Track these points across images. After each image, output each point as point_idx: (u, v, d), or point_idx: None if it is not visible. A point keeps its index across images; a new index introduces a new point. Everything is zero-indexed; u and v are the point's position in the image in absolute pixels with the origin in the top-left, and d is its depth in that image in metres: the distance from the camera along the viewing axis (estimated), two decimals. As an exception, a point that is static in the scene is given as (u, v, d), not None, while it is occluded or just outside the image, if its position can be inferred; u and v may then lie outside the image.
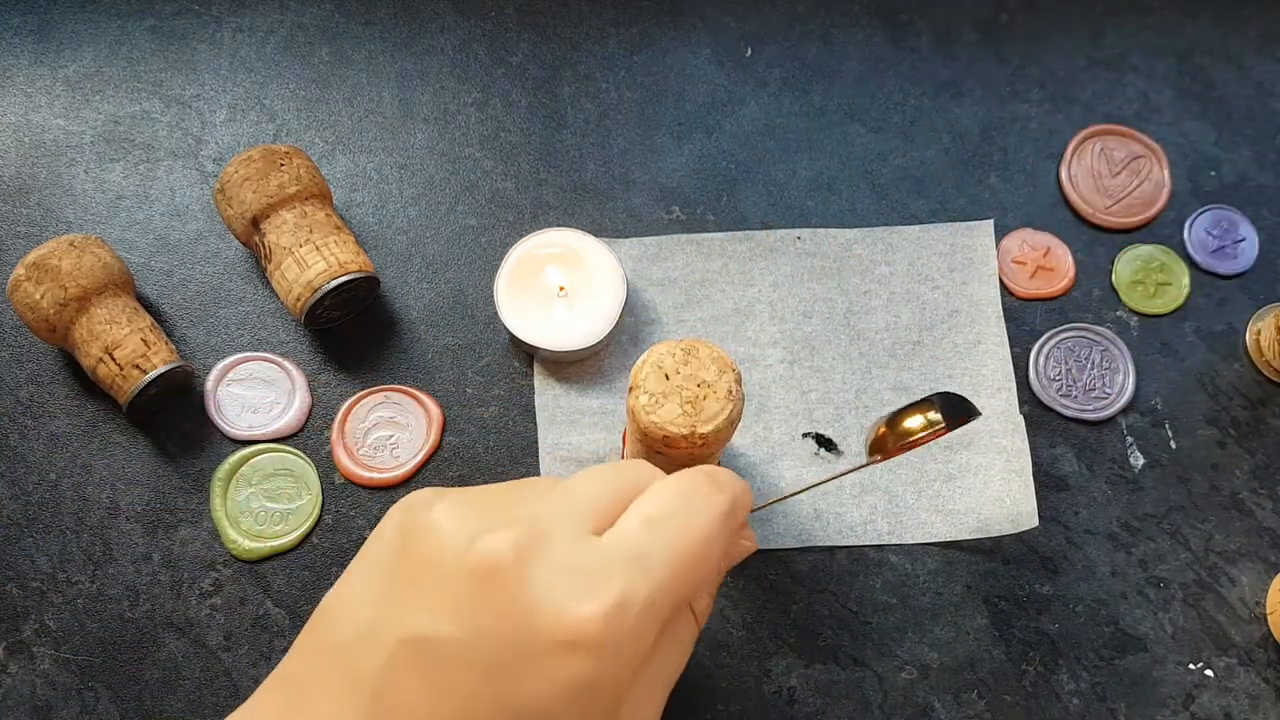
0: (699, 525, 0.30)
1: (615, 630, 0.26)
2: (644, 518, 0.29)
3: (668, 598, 0.28)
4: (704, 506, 0.30)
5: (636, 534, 0.29)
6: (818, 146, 0.51)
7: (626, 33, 0.53)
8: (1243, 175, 0.51)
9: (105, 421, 0.46)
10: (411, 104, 0.51)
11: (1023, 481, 0.45)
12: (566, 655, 0.26)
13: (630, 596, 0.27)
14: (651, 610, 0.27)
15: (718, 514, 0.30)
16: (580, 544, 0.28)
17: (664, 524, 0.29)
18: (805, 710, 0.43)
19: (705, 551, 0.29)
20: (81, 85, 0.51)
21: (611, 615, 0.26)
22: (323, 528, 0.45)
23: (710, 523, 0.30)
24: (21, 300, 0.43)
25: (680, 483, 0.31)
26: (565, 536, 0.28)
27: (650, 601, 0.27)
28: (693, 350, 0.35)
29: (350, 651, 0.28)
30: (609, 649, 0.26)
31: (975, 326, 0.48)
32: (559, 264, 0.47)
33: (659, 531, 0.29)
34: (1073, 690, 0.43)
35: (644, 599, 0.27)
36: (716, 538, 0.30)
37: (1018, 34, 0.53)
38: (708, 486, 0.31)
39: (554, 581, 0.27)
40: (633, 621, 0.27)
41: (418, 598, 0.27)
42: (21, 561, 0.44)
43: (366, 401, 0.46)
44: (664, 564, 0.28)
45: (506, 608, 0.27)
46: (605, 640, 0.26)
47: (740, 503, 0.32)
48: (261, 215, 0.44)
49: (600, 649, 0.26)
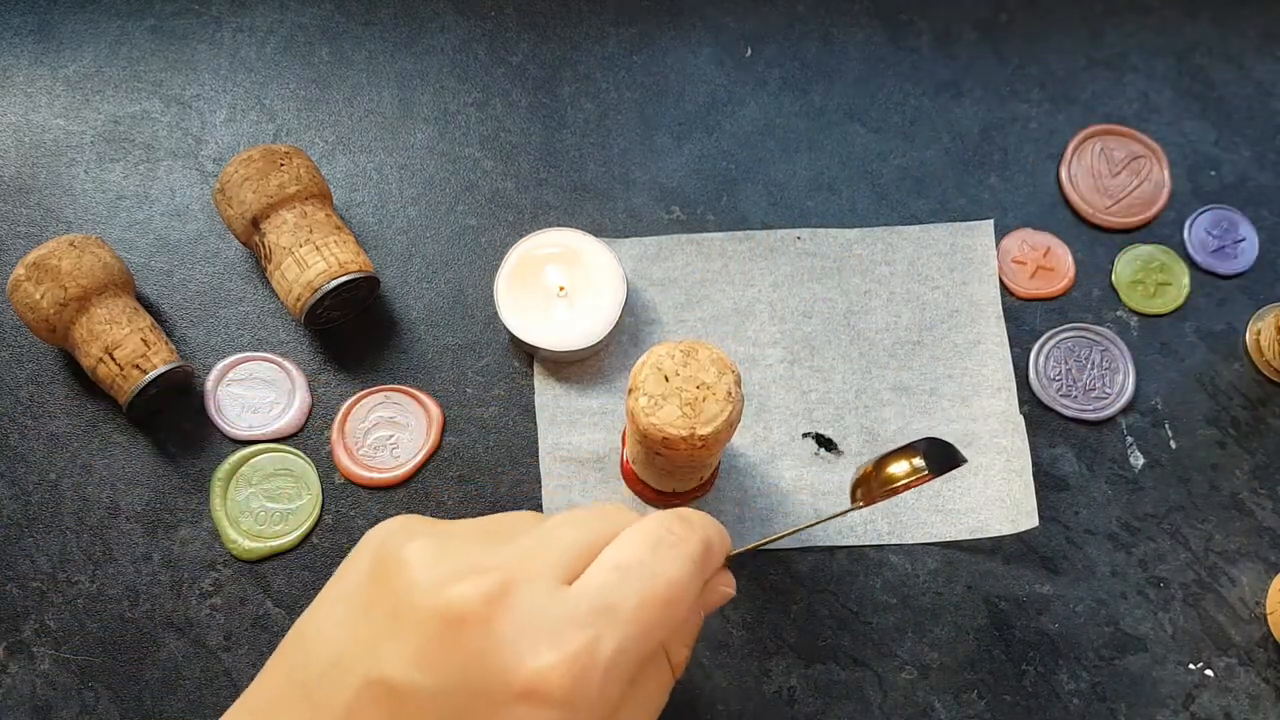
0: (669, 572, 0.29)
1: (579, 682, 0.26)
2: (613, 565, 0.29)
3: (636, 648, 0.28)
4: (675, 553, 0.30)
5: (605, 583, 0.28)
6: (818, 146, 0.51)
7: (626, 33, 0.53)
8: (1243, 175, 0.51)
9: (105, 421, 0.46)
10: (411, 104, 0.51)
11: (1023, 482, 0.45)
12: (529, 707, 0.26)
13: (597, 648, 0.27)
14: (619, 661, 0.27)
15: (689, 560, 0.30)
16: (549, 595, 0.27)
17: (633, 572, 0.29)
18: (805, 710, 0.43)
19: (676, 599, 0.29)
20: (81, 85, 0.51)
21: (575, 666, 0.26)
22: (323, 528, 0.45)
23: (680, 569, 0.29)
24: (21, 300, 0.43)
25: (651, 528, 0.30)
26: (534, 587, 0.28)
27: (618, 652, 0.27)
28: (692, 352, 0.35)
29: (317, 685, 0.28)
30: (573, 701, 0.26)
31: (975, 326, 0.48)
32: (559, 264, 0.47)
33: (628, 580, 0.28)
34: (1073, 690, 0.43)
35: (612, 650, 0.27)
36: (688, 584, 0.29)
37: (1018, 34, 0.53)
38: (680, 530, 0.30)
39: (520, 632, 0.27)
40: (600, 674, 0.26)
41: (386, 638, 0.27)
42: (21, 561, 0.44)
43: (366, 401, 0.46)
44: (632, 613, 0.28)
45: (471, 657, 0.26)
46: (568, 692, 0.26)
47: (714, 546, 0.32)
48: (261, 215, 0.44)
49: (563, 702, 0.26)
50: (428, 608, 0.27)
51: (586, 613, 0.27)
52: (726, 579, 0.34)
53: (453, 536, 0.29)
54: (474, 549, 0.29)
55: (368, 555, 0.30)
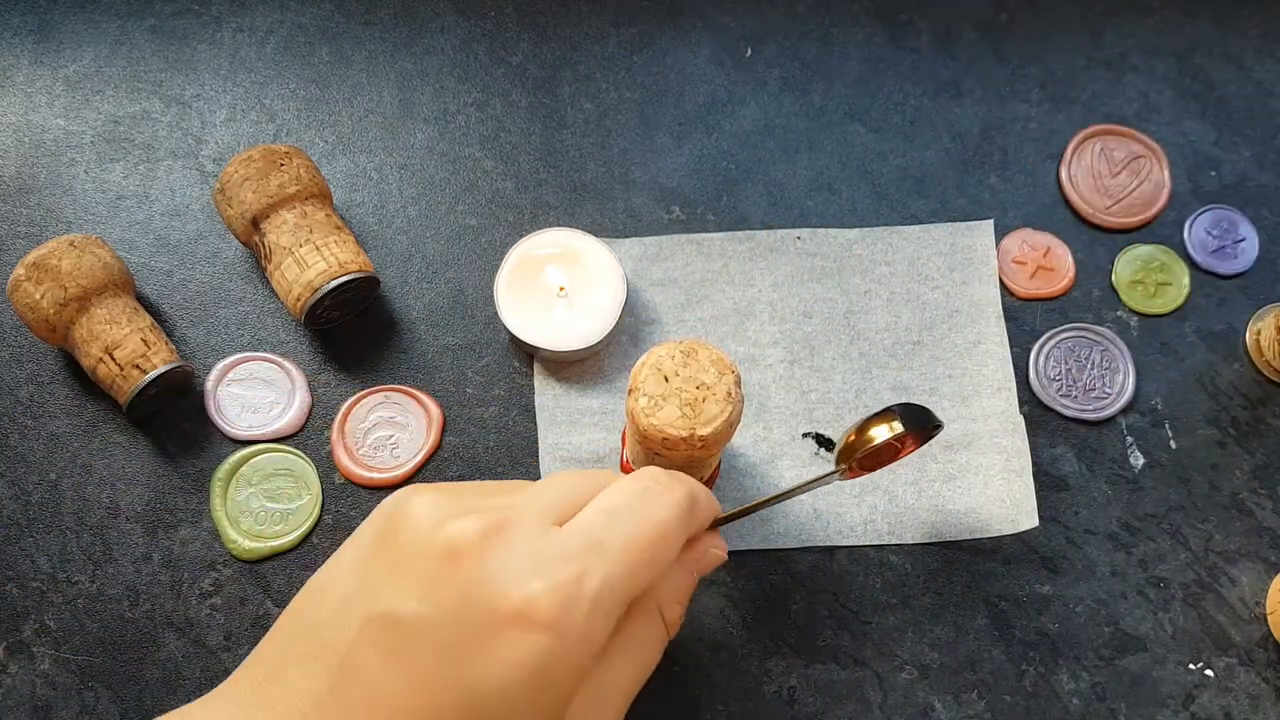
0: (655, 515, 0.31)
1: (566, 609, 0.27)
2: (602, 509, 0.30)
3: (622, 584, 0.29)
4: (660, 500, 0.31)
5: (593, 523, 0.30)
6: (818, 146, 0.51)
7: (626, 33, 0.53)
8: (1243, 175, 0.51)
9: (105, 421, 0.46)
10: (411, 104, 0.51)
11: (1023, 481, 0.45)
12: (519, 632, 0.27)
13: (584, 579, 0.28)
14: (605, 595, 0.28)
15: (674, 505, 0.31)
16: (541, 533, 0.29)
17: (620, 514, 0.30)
18: (805, 710, 0.43)
19: (661, 540, 0.30)
20: (81, 85, 0.51)
21: (562, 594, 0.27)
22: (323, 528, 0.45)
23: (666, 512, 0.31)
24: (21, 300, 0.43)
25: (636, 479, 0.32)
26: (527, 526, 0.29)
27: (605, 585, 0.28)
28: (692, 352, 0.35)
29: (323, 626, 0.29)
30: (560, 628, 0.27)
31: (975, 326, 0.48)
32: (559, 264, 0.47)
33: (615, 520, 0.30)
34: (1073, 690, 0.43)
35: (599, 582, 0.28)
36: (673, 528, 0.31)
37: (1018, 34, 0.53)
38: (664, 481, 0.32)
39: (511, 564, 0.28)
40: (586, 604, 0.28)
41: (389, 577, 0.29)
42: (21, 561, 0.44)
43: (366, 401, 0.46)
44: (619, 551, 0.29)
45: (466, 587, 0.28)
46: (555, 618, 0.27)
47: (700, 500, 0.33)
48: (261, 215, 0.44)
49: (551, 627, 0.27)
50: (427, 544, 0.28)
51: (575, 549, 0.29)
52: (717, 541, 0.35)
53: (458, 490, 0.31)
54: (474, 499, 0.30)
55: (377, 515, 0.31)
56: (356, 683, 0.28)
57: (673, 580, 0.33)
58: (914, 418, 0.37)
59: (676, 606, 0.33)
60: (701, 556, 0.35)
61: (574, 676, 0.28)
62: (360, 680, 0.28)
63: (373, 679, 0.28)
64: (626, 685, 0.31)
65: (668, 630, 0.33)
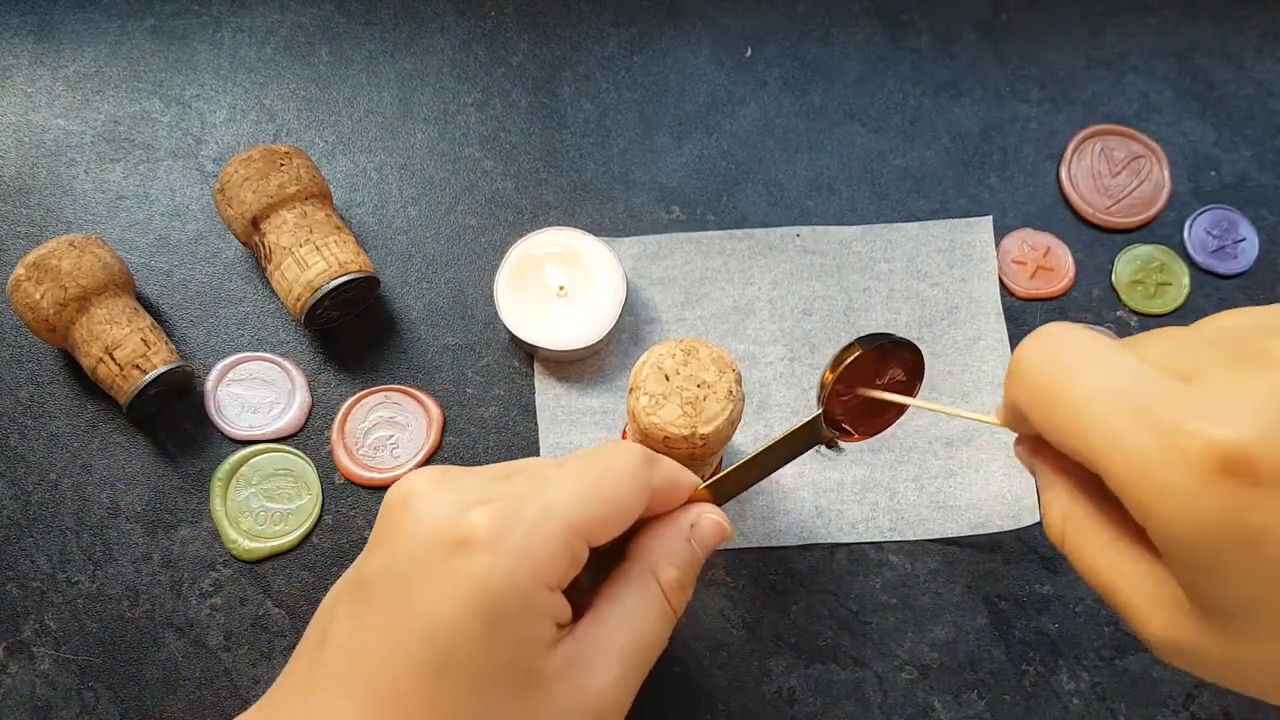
0: (604, 458, 0.31)
1: (504, 528, 0.28)
2: (551, 460, 0.32)
3: (567, 512, 0.29)
4: (612, 448, 0.31)
5: (539, 466, 0.31)
6: (818, 146, 0.51)
7: (626, 33, 0.53)
8: (1243, 175, 0.51)
9: (105, 421, 0.46)
10: (411, 104, 0.51)
11: (1024, 477, 0.45)
12: (459, 556, 0.27)
13: (523, 503, 0.28)
14: (545, 517, 0.28)
15: (627, 453, 0.31)
16: (490, 479, 0.30)
17: (569, 460, 0.31)
18: (805, 710, 0.43)
19: (613, 478, 0.30)
20: (81, 85, 0.51)
21: (499, 515, 0.28)
22: (323, 528, 0.45)
23: (617, 457, 0.31)
24: (21, 300, 0.43)
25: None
26: (479, 474, 0.30)
27: (544, 509, 0.28)
28: (693, 350, 0.35)
29: (320, 615, 0.30)
30: (496, 546, 0.27)
31: (975, 323, 0.48)
32: (559, 263, 0.47)
33: (563, 465, 0.30)
34: (1073, 690, 0.43)
35: (539, 508, 0.28)
36: (625, 468, 0.30)
37: (1018, 34, 0.53)
38: (620, 443, 0.32)
39: (456, 500, 0.29)
40: (525, 524, 0.28)
41: (371, 545, 0.30)
42: (21, 561, 0.44)
43: (366, 401, 0.46)
44: (562, 484, 0.29)
45: (413, 526, 0.29)
46: (492, 534, 0.27)
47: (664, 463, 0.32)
48: (261, 215, 0.44)
49: (489, 544, 0.27)
50: (390, 504, 0.30)
51: (519, 486, 0.29)
52: (710, 508, 0.34)
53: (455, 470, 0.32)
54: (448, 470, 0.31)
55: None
56: (334, 648, 0.28)
57: (666, 544, 0.32)
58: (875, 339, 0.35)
59: (671, 570, 0.32)
60: (695, 521, 0.33)
61: (522, 604, 0.27)
62: (337, 644, 0.28)
63: (346, 640, 0.28)
64: (619, 652, 0.30)
65: (669, 600, 0.32)
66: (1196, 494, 0.22)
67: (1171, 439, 0.22)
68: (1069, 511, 0.28)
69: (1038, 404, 0.26)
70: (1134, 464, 0.23)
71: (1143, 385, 0.24)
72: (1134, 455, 0.23)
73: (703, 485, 0.34)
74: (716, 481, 0.34)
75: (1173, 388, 0.23)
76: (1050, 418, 0.26)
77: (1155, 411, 0.23)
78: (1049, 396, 0.26)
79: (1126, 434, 0.23)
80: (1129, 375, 0.24)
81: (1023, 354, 0.27)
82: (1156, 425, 0.23)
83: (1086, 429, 0.24)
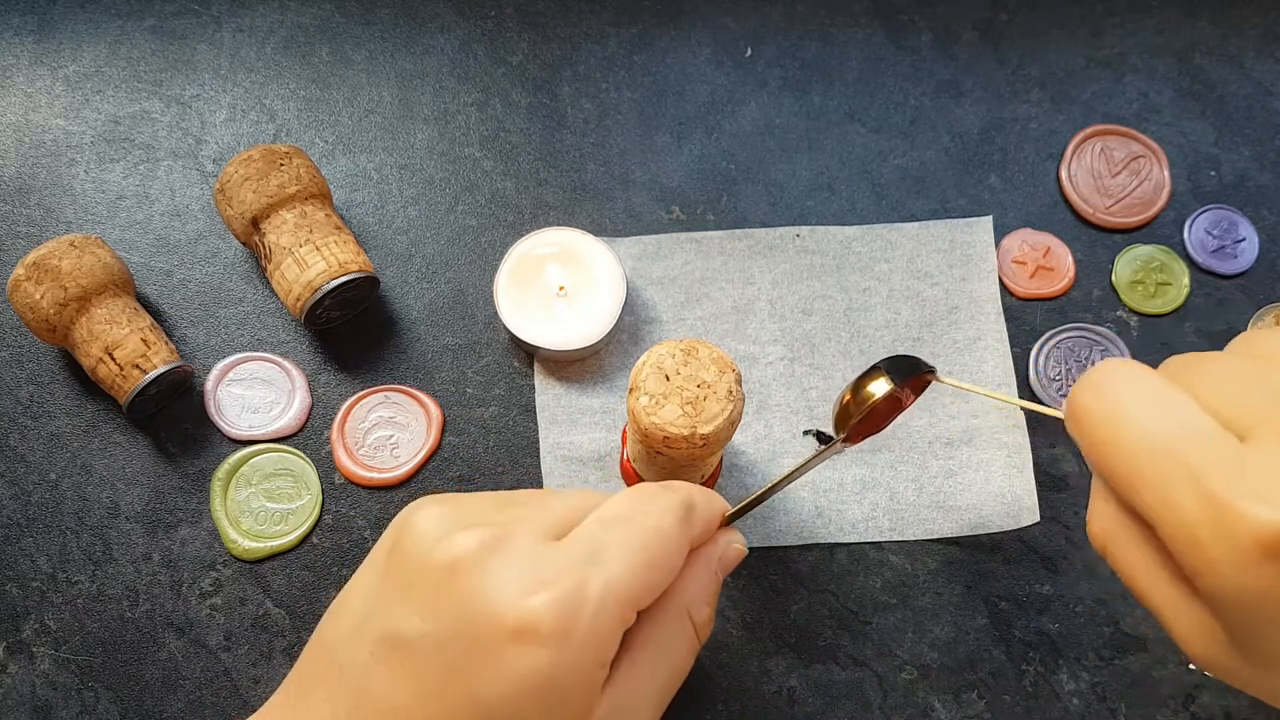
0: (652, 519, 0.30)
1: (569, 620, 0.27)
2: (598, 519, 0.30)
3: (624, 589, 0.29)
4: (656, 505, 0.31)
5: (590, 533, 0.30)
6: (818, 146, 0.51)
7: (626, 33, 0.53)
8: (1243, 175, 0.51)
9: (105, 421, 0.46)
10: (411, 104, 0.51)
11: (1024, 477, 0.45)
12: (521, 646, 0.27)
13: (584, 588, 0.28)
14: (606, 601, 0.28)
15: (670, 511, 0.31)
16: (539, 545, 0.29)
17: (616, 522, 0.30)
18: (805, 710, 0.43)
19: (661, 545, 0.30)
20: (81, 85, 0.51)
21: (563, 605, 0.27)
22: (323, 528, 0.45)
23: (663, 517, 0.31)
24: (21, 300, 0.43)
25: (629, 491, 0.32)
26: (526, 538, 0.29)
27: (605, 591, 0.28)
28: (693, 350, 0.35)
29: (340, 650, 0.29)
30: (561, 639, 0.27)
31: (975, 323, 0.48)
32: (559, 263, 0.47)
33: (611, 529, 0.30)
34: (1073, 690, 0.43)
35: (598, 590, 0.28)
36: (671, 531, 0.31)
37: (1018, 34, 0.53)
38: (659, 490, 0.32)
39: (511, 577, 0.28)
40: (588, 613, 0.27)
41: (397, 595, 0.29)
42: (21, 561, 0.44)
43: (366, 401, 0.46)
44: (617, 556, 0.29)
45: (466, 601, 0.28)
46: (557, 630, 0.27)
47: (698, 504, 0.33)
48: (261, 215, 0.44)
49: (552, 639, 0.27)
50: (430, 559, 0.29)
51: (573, 558, 0.29)
52: (735, 536, 0.35)
53: (461, 503, 0.31)
54: (480, 512, 0.30)
55: (389, 530, 0.31)
56: (372, 705, 0.28)
57: (696, 582, 0.33)
58: (901, 368, 0.36)
59: (704, 608, 0.33)
60: (722, 553, 0.34)
61: (583, 686, 0.28)
62: (375, 702, 0.28)
63: (387, 700, 0.28)
64: (657, 692, 0.31)
65: (697, 634, 0.33)
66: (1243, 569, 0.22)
67: (1222, 514, 0.23)
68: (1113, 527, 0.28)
69: (1093, 448, 0.26)
70: (1183, 530, 0.23)
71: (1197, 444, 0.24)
72: (1184, 522, 0.23)
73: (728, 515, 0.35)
74: (739, 510, 0.36)
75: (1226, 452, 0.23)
76: (1104, 464, 0.26)
77: (1207, 480, 0.23)
78: (1104, 443, 0.26)
79: (1178, 499, 0.24)
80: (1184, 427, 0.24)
81: (1078, 395, 0.27)
82: (1208, 496, 0.23)
83: (1139, 485, 0.25)
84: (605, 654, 0.28)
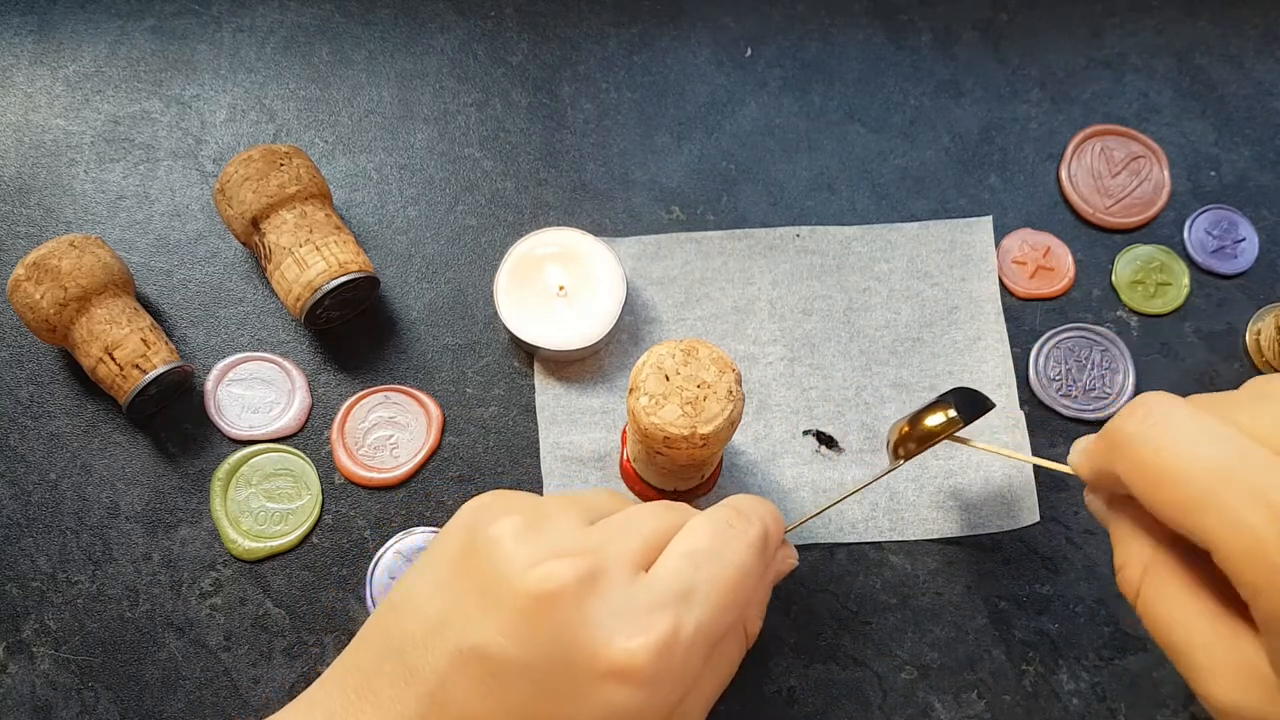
0: (736, 558, 0.32)
1: (663, 664, 0.28)
2: (685, 554, 0.31)
3: (713, 628, 0.30)
4: (739, 542, 0.32)
5: (680, 570, 0.31)
6: (818, 146, 0.51)
7: (626, 33, 0.53)
8: (1243, 175, 0.51)
9: (105, 421, 0.46)
10: (411, 104, 0.51)
11: (1024, 477, 0.45)
12: (616, 685, 0.28)
13: (679, 631, 0.29)
14: (697, 641, 0.29)
15: (751, 546, 0.32)
16: (632, 581, 0.30)
17: (704, 559, 0.31)
18: (805, 710, 0.43)
19: (745, 581, 0.32)
20: (81, 85, 0.51)
21: (660, 649, 0.28)
22: (323, 528, 0.45)
23: (746, 553, 0.32)
24: (21, 300, 0.43)
25: (714, 520, 0.33)
26: (619, 572, 0.30)
27: (698, 632, 0.29)
28: (693, 351, 0.35)
29: (412, 649, 0.30)
30: (657, 681, 0.28)
31: (975, 323, 0.48)
32: (558, 263, 0.47)
33: (700, 567, 0.31)
34: (1073, 690, 0.43)
35: (691, 632, 0.29)
36: (753, 567, 0.32)
37: (1018, 34, 0.53)
38: (739, 521, 0.33)
39: (608, 614, 0.29)
40: (681, 655, 0.29)
41: (479, 609, 0.29)
42: (21, 561, 0.44)
43: (366, 401, 0.46)
44: (708, 597, 0.30)
45: (562, 634, 0.28)
46: (654, 673, 0.28)
47: (771, 530, 0.34)
48: (261, 215, 0.44)
49: (649, 681, 0.28)
50: (520, 584, 0.29)
51: (666, 598, 0.29)
52: (788, 552, 0.37)
53: (540, 514, 0.31)
54: (560, 530, 0.31)
55: (460, 530, 0.32)
56: (448, 711, 0.29)
57: (755, 598, 0.35)
58: (968, 404, 0.38)
59: (757, 621, 0.35)
60: (778, 565, 0.36)
61: (661, 716, 0.29)
62: (452, 708, 0.29)
63: (465, 711, 0.28)
64: (710, 699, 0.33)
65: (749, 643, 0.35)
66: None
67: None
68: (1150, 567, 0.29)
69: (1143, 478, 0.27)
70: (1247, 545, 0.24)
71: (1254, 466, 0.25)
72: (1248, 536, 0.24)
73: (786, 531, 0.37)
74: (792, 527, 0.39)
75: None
76: (1156, 493, 0.27)
77: (1269, 495, 0.24)
78: (1155, 471, 0.27)
79: (1241, 516, 0.24)
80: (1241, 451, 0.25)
81: (1123, 426, 0.28)
82: (1272, 507, 0.24)
83: (1198, 509, 0.25)
84: (688, 689, 0.30)
